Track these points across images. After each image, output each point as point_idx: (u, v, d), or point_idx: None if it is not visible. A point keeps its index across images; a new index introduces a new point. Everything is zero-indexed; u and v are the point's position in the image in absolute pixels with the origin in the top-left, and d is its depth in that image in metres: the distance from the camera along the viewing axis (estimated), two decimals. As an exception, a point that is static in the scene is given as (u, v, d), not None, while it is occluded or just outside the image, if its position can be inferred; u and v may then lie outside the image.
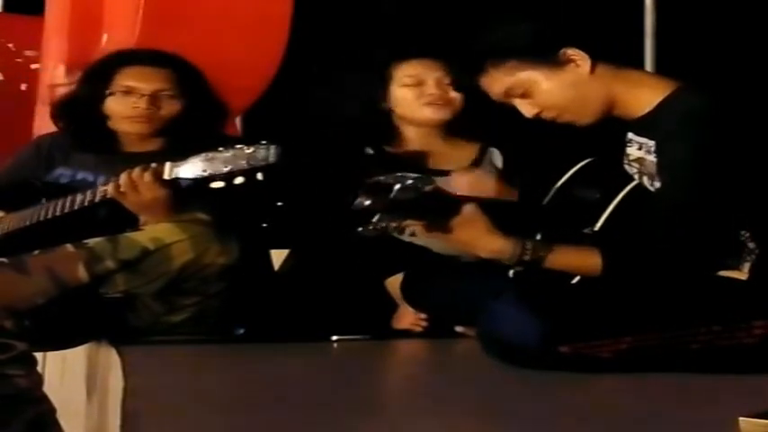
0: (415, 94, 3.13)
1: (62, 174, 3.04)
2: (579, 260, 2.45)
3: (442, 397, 2.18)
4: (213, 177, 2.65)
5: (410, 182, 2.48)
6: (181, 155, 2.78)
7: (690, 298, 2.34)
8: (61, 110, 3.13)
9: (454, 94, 3.10)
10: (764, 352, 2.28)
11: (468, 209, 2.51)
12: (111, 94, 3.01)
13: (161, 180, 2.74)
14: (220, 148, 2.66)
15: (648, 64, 4.54)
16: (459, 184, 2.97)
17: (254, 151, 2.63)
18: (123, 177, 2.76)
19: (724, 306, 2.32)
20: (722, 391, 2.15)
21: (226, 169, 2.64)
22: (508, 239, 2.48)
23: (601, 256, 2.41)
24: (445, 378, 2.43)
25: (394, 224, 2.47)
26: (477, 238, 2.51)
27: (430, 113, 3.14)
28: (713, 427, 1.84)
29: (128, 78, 3.01)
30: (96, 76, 3.07)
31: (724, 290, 2.36)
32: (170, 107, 3.01)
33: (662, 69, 2.65)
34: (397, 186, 2.47)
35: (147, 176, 2.74)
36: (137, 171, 2.75)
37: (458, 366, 2.69)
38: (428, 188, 2.50)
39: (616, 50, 2.58)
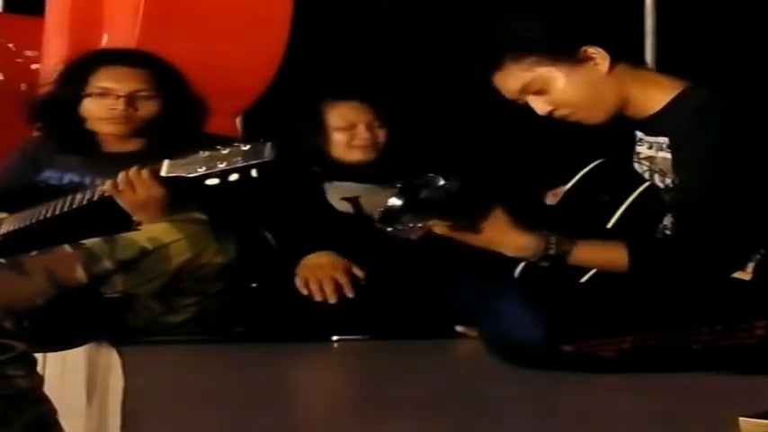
0: (348, 138, 3.28)
1: (50, 176, 3.05)
2: (604, 255, 2.45)
3: (443, 397, 2.18)
4: (208, 174, 2.65)
5: (441, 183, 2.50)
6: (161, 154, 2.79)
7: (692, 298, 2.34)
8: (38, 111, 3.12)
9: (382, 137, 3.29)
10: (765, 352, 2.27)
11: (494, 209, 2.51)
12: (87, 95, 3.00)
13: (158, 178, 2.74)
14: (218, 146, 2.66)
15: (649, 64, 4.54)
16: None
17: (250, 148, 2.63)
18: (121, 176, 2.76)
19: (726, 306, 2.32)
20: (723, 391, 2.14)
21: (221, 166, 2.63)
22: (532, 235, 2.48)
23: (627, 252, 2.41)
24: (446, 378, 2.42)
25: (421, 224, 2.51)
26: (502, 235, 2.51)
27: (359, 155, 3.28)
28: (713, 427, 1.84)
29: (103, 79, 3.00)
30: (71, 77, 3.06)
31: (726, 290, 2.35)
32: (147, 108, 3.00)
33: (662, 69, 2.64)
34: (428, 187, 2.50)
35: (144, 174, 2.74)
36: (134, 169, 2.75)
37: (458, 366, 2.69)
38: (456, 189, 2.53)
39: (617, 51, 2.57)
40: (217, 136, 3.11)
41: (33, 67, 4.56)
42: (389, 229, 2.53)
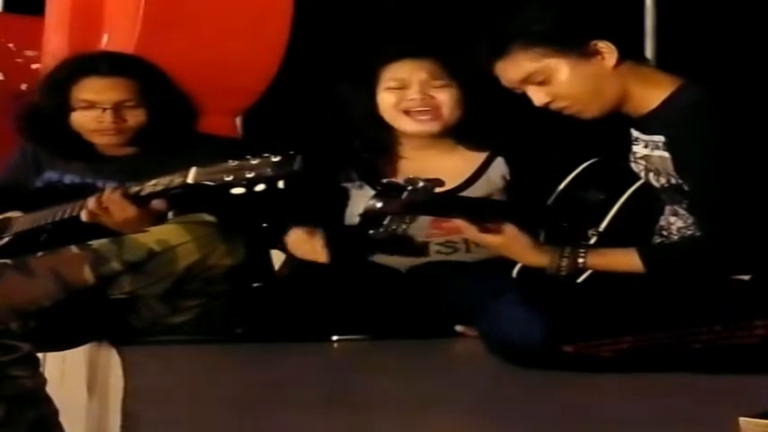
0: (396, 99, 2.95)
1: (51, 177, 3.04)
2: (618, 262, 2.44)
3: (443, 397, 2.18)
4: (234, 183, 2.60)
5: (421, 184, 2.50)
6: (161, 156, 2.79)
7: (691, 297, 2.34)
8: (26, 124, 3.07)
9: (442, 98, 2.92)
10: (765, 352, 2.28)
11: (509, 230, 2.52)
12: (73, 109, 2.97)
13: (129, 197, 2.72)
14: (247, 156, 2.62)
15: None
16: None
17: (280, 160, 2.59)
18: (93, 200, 2.75)
19: (725, 306, 2.32)
20: (722, 391, 2.15)
21: (249, 176, 2.59)
22: (546, 253, 2.49)
23: (639, 256, 2.40)
24: (445, 378, 2.43)
25: (404, 226, 2.52)
26: (523, 250, 2.52)
27: (409, 125, 2.96)
28: (713, 427, 1.84)
29: (85, 92, 2.94)
30: (53, 88, 3.00)
31: (725, 289, 2.35)
32: (135, 117, 2.95)
33: (662, 69, 2.64)
34: (409, 189, 2.50)
35: (116, 196, 2.73)
36: (107, 192, 2.75)
37: (458, 366, 2.69)
38: (439, 190, 2.54)
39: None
40: (215, 136, 3.10)
41: (33, 66, 4.57)
42: (371, 231, 2.54)
